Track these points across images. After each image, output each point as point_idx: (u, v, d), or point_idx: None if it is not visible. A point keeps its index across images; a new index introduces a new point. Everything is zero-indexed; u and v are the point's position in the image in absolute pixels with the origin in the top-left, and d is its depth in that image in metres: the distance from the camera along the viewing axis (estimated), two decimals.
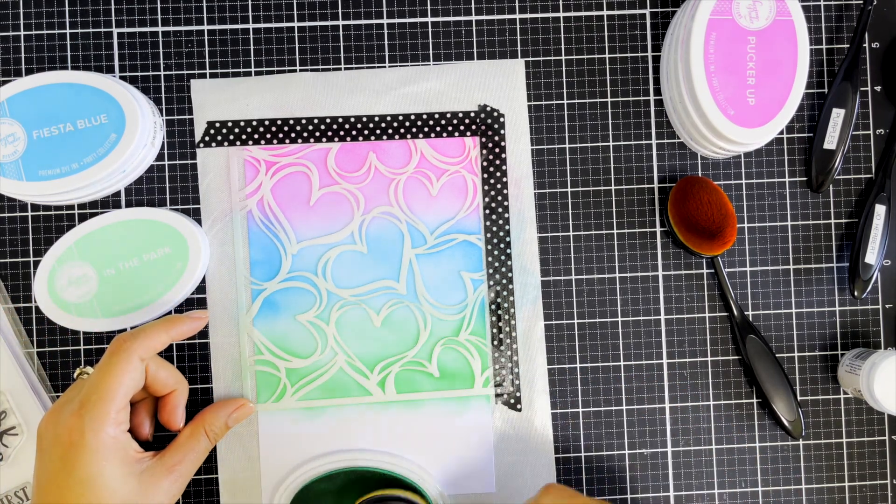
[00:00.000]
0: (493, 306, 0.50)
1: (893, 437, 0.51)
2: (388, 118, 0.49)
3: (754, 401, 0.51)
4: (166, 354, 0.49)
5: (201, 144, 0.49)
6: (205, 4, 0.50)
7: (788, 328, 0.51)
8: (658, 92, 0.51)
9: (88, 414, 0.40)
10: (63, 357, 0.49)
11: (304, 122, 0.49)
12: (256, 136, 0.49)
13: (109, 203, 0.49)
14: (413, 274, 0.49)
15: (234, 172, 0.49)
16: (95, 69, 0.49)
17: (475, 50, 0.50)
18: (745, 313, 0.51)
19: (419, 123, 0.49)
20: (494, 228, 0.50)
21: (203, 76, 0.50)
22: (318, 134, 0.49)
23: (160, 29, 0.50)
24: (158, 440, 0.48)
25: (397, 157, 0.49)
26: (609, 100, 0.51)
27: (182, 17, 0.50)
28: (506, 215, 0.50)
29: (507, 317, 0.49)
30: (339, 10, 0.50)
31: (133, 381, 0.42)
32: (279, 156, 0.49)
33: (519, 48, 0.51)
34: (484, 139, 0.50)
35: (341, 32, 0.50)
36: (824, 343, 0.51)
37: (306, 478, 0.48)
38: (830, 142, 0.50)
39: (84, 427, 0.40)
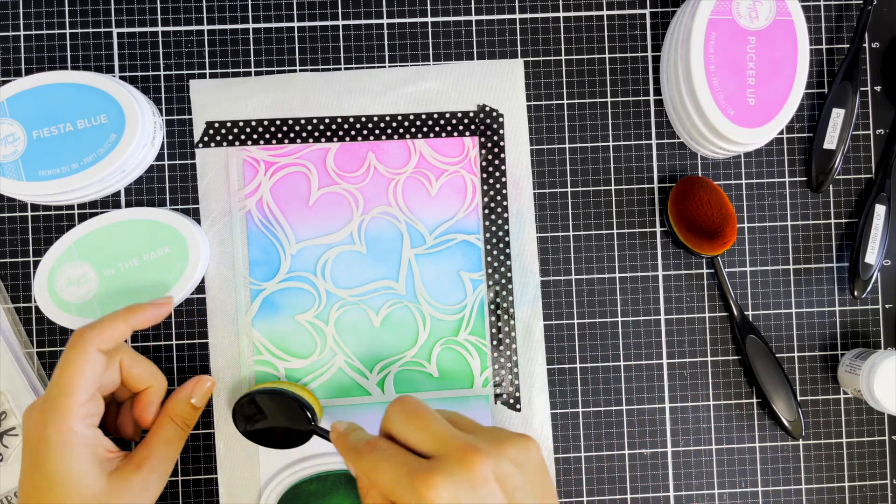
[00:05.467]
0: (492, 306, 0.49)
1: (893, 437, 0.51)
2: (388, 118, 0.49)
3: (754, 401, 0.51)
4: (165, 355, 0.49)
5: (200, 144, 0.49)
6: (205, 4, 0.50)
7: (788, 328, 0.51)
8: (658, 92, 0.51)
9: (50, 409, 0.39)
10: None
11: (303, 122, 0.49)
12: (255, 137, 0.49)
13: (109, 203, 0.49)
14: (412, 274, 0.49)
15: (233, 172, 0.49)
16: (95, 69, 0.49)
17: (475, 50, 0.50)
18: (745, 313, 0.51)
19: (418, 123, 0.49)
20: (494, 228, 0.50)
21: (203, 76, 0.50)
22: (317, 134, 0.49)
23: (160, 29, 0.50)
24: None
25: (396, 157, 0.49)
26: (609, 100, 0.51)
27: (182, 17, 0.50)
28: (505, 215, 0.50)
29: (506, 317, 0.49)
30: (339, 10, 0.50)
31: (94, 374, 0.40)
32: (278, 156, 0.49)
33: (518, 48, 0.51)
34: (483, 139, 0.50)
35: (341, 32, 0.50)
36: (824, 343, 0.51)
37: (297, 477, 0.48)
38: (830, 142, 0.50)
39: (47, 422, 0.39)
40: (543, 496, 0.36)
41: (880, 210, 0.50)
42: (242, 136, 0.49)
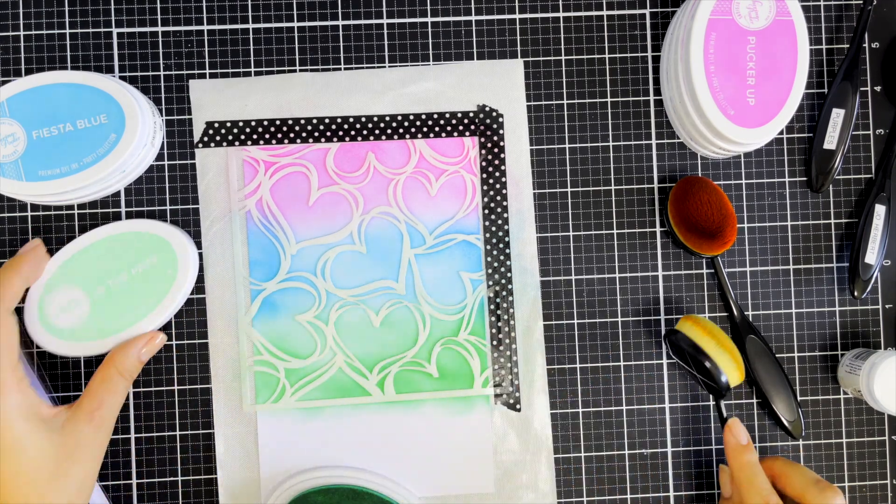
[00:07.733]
0: (492, 306, 0.49)
1: (893, 437, 0.51)
2: (388, 118, 0.49)
3: (754, 401, 0.51)
4: (166, 355, 0.49)
5: (200, 145, 0.49)
6: (204, 4, 0.50)
7: (788, 328, 0.51)
8: (658, 92, 0.51)
9: None
10: (63, 357, 0.49)
11: (303, 122, 0.49)
12: (255, 137, 0.49)
13: (109, 203, 0.49)
14: (412, 274, 0.49)
15: (233, 172, 0.49)
16: (95, 69, 0.49)
17: (475, 50, 0.50)
18: (745, 313, 0.51)
19: (418, 123, 0.49)
20: (493, 228, 0.50)
21: (203, 76, 0.50)
22: (316, 134, 0.49)
23: (160, 29, 0.50)
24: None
25: (396, 157, 0.49)
26: (609, 100, 0.51)
27: (182, 17, 0.50)
28: (505, 215, 0.50)
29: (506, 317, 0.49)
30: (339, 10, 0.50)
31: (8, 337, 0.42)
32: (278, 156, 0.49)
33: (518, 48, 0.51)
34: (483, 139, 0.50)
35: (341, 32, 0.50)
36: (824, 343, 0.51)
37: (305, 486, 0.48)
38: (830, 142, 0.50)
39: None
40: None
41: (880, 210, 0.50)
42: (242, 136, 0.49)
